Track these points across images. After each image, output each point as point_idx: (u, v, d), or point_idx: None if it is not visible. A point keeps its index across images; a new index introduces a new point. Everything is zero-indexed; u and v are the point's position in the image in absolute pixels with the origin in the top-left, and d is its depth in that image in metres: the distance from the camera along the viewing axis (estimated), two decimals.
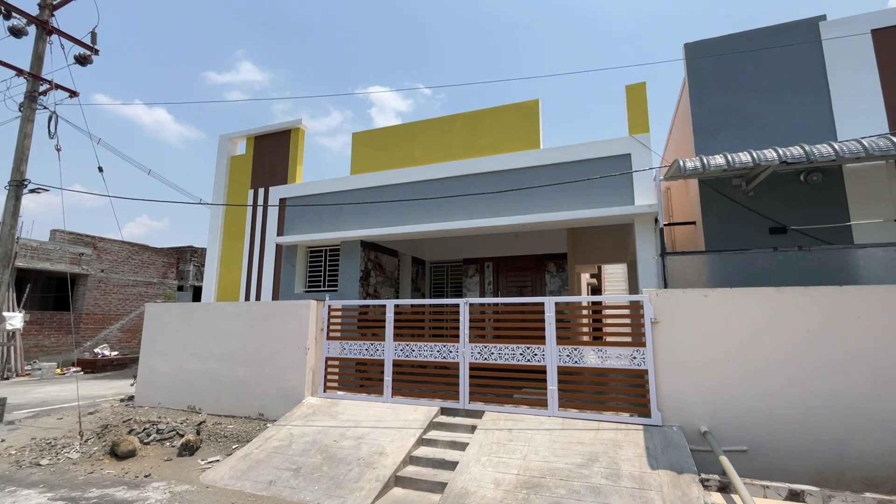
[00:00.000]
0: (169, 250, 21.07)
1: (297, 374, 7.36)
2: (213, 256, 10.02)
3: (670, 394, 5.40)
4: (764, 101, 6.33)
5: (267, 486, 5.06)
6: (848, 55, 6.03)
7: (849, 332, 4.91)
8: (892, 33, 5.87)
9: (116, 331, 18.16)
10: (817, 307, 5.03)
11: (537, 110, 7.80)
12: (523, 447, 5.25)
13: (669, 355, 5.45)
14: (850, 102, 5.91)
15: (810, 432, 4.89)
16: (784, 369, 5.04)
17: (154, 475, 5.42)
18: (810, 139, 5.91)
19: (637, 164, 6.82)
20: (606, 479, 4.53)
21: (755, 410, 5.08)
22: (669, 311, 5.51)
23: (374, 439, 5.81)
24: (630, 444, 5.06)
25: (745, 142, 6.25)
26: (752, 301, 5.23)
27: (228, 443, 6.55)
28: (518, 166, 7.60)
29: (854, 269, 5.34)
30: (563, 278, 10.20)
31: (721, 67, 6.62)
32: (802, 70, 6.20)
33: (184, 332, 8.42)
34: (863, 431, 4.73)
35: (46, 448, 6.22)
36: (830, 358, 4.93)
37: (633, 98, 7.09)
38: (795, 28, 6.32)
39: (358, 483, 4.95)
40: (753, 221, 6.12)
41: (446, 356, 6.64)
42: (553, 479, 4.63)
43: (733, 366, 5.21)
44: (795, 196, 6.02)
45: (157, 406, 8.32)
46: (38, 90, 9.10)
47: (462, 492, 4.59)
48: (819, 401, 4.91)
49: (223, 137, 10.49)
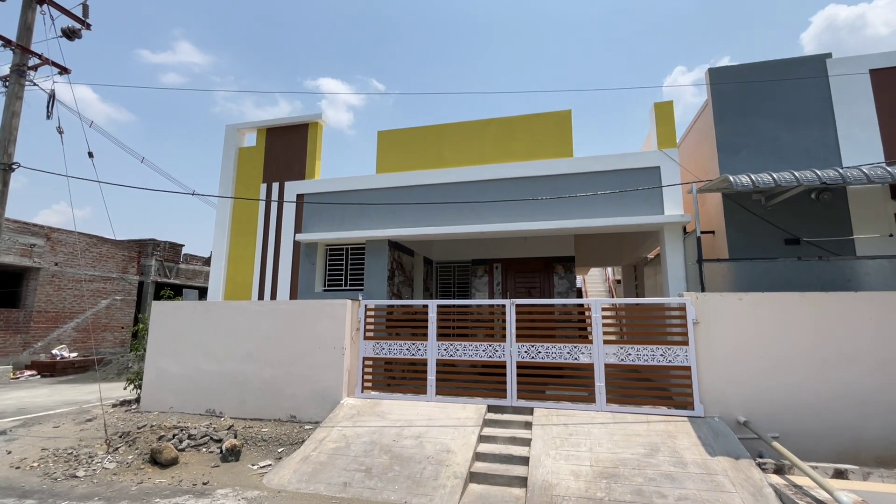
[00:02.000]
0: (129, 243, 19.49)
1: (334, 375, 7.24)
2: (220, 253, 9.53)
3: (710, 388, 5.95)
4: (779, 126, 7.10)
5: (343, 488, 5.02)
6: (851, 90, 6.92)
7: (860, 332, 5.68)
8: (887, 73, 6.82)
9: (71, 330, 16.56)
10: (835, 310, 5.77)
11: (570, 120, 8.19)
12: (585, 440, 5.58)
13: (708, 353, 6.01)
14: (853, 132, 6.80)
15: (830, 419, 5.60)
16: (806, 364, 5.74)
17: (212, 482, 5.19)
18: (819, 163, 6.73)
19: (665, 176, 7.38)
20: (674, 467, 4.95)
21: (783, 401, 5.74)
22: (708, 313, 6.07)
23: (434, 438, 5.89)
24: (683, 435, 5.54)
25: (763, 161, 6.99)
26: (779, 304, 5.90)
27: (269, 447, 6.35)
28: (552, 173, 7.94)
29: (861, 277, 6.17)
30: (571, 280, 10.71)
31: (741, 92, 7.34)
32: (812, 101, 7.03)
33: (199, 332, 7.98)
34: (874, 417, 5.50)
35: (71, 459, 5.72)
36: (845, 354, 5.68)
37: (661, 115, 7.64)
38: (806, 63, 7.14)
39: (437, 481, 5.04)
40: (770, 232, 6.86)
41: (492, 355, 6.84)
42: (625, 468, 4.99)
43: (763, 361, 5.85)
44: (806, 211, 6.82)
45: (168, 411, 7.82)
46: (26, 63, 8.21)
47: (545, 484, 4.83)
48: (836, 391, 5.64)
49: (230, 127, 9.98)
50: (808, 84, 7.08)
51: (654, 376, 6.75)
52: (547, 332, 6.83)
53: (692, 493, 4.54)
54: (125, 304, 18.96)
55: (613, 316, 7.03)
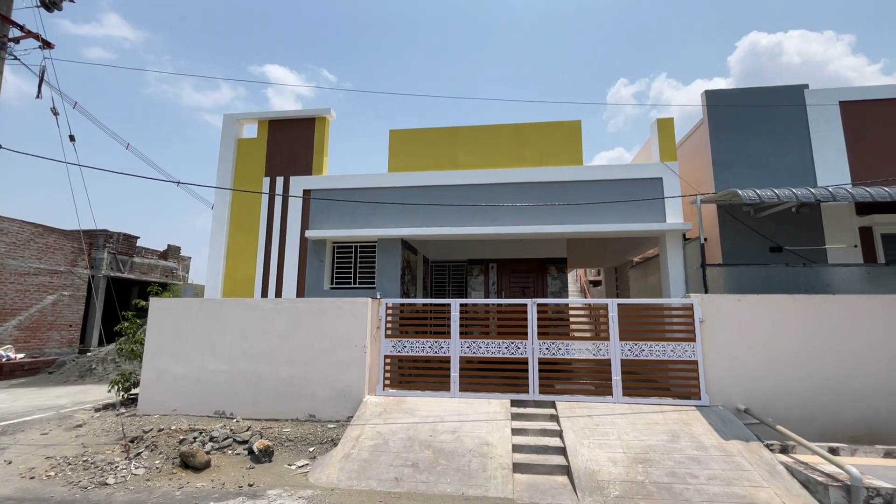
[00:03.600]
0: (79, 233, 17.85)
1: (355, 373, 7.24)
2: (218, 248, 9.12)
3: (713, 379, 6.64)
4: (765, 146, 7.98)
5: (396, 483, 5.12)
6: (824, 118, 7.92)
7: (836, 330, 6.57)
8: (854, 105, 7.87)
9: (13, 329, 14.95)
10: (816, 311, 6.63)
11: (580, 130, 8.67)
12: (612, 430, 6.04)
13: (713, 348, 6.69)
14: (826, 155, 7.79)
15: (813, 405, 6.45)
16: (794, 358, 6.56)
17: (257, 483, 5.09)
18: (798, 181, 7.66)
19: (667, 187, 8.05)
20: (697, 451, 5.52)
21: (775, 390, 6.52)
22: (712, 313, 6.76)
23: (469, 432, 6.11)
24: (696, 422, 6.15)
25: (752, 177, 7.83)
26: (772, 305, 6.69)
27: (298, 446, 6.27)
28: (563, 179, 8.39)
29: (835, 282, 7.12)
30: (564, 280, 11.27)
31: (733, 114, 8.15)
32: (793, 125, 7.97)
33: (206, 331, 7.64)
34: (848, 403, 6.40)
35: (90, 466, 5.35)
36: (825, 349, 6.55)
37: (663, 131, 8.32)
38: (787, 91, 8.08)
39: (486, 472, 5.27)
40: (758, 241, 7.71)
41: (514, 352, 7.16)
42: (655, 454, 5.49)
43: (758, 355, 6.61)
44: (787, 223, 7.74)
45: (171, 413, 7.43)
46: (6, 34, 7.44)
47: (588, 471, 5.21)
48: (818, 382, 6.50)
49: (229, 117, 9.57)
50: (790, 110, 8.01)
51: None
52: (564, 330, 7.26)
53: (718, 472, 5.11)
54: (74, 301, 17.36)
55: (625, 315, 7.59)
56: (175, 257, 23.30)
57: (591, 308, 7.24)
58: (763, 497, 4.69)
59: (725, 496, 4.72)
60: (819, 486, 4.64)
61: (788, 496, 4.69)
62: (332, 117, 9.51)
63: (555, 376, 7.18)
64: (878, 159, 7.63)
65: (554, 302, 7.25)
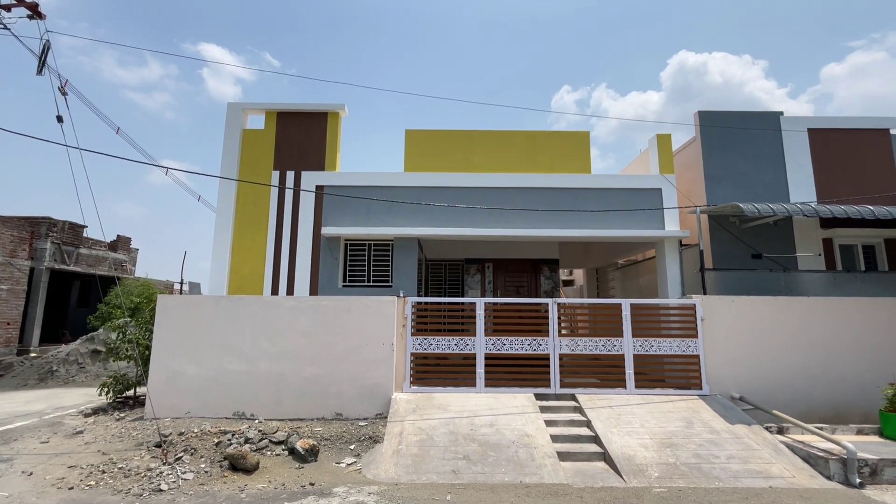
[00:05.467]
0: (20, 221, 16.05)
1: (383, 371, 7.32)
2: (223, 244, 8.73)
3: (712, 371, 7.46)
4: (748, 164, 9.00)
5: (455, 475, 5.34)
6: (795, 143, 9.07)
7: (810, 326, 7.62)
8: (819, 133, 9.09)
9: None
10: (793, 310, 7.65)
11: (588, 140, 9.26)
12: (633, 419, 6.64)
13: (711, 343, 7.51)
14: (797, 175, 8.94)
15: (791, 392, 7.44)
16: (776, 351, 7.53)
17: (318, 482, 5.09)
18: (775, 197, 8.74)
19: (665, 197, 8.85)
20: (711, 434, 6.23)
21: (762, 380, 7.45)
22: (711, 312, 7.58)
23: (506, 425, 6.45)
24: (703, 410, 6.90)
25: (738, 191, 8.81)
26: (759, 305, 7.62)
27: (336, 445, 6.28)
28: (572, 186, 8.93)
29: (806, 286, 8.22)
30: (556, 280, 11.91)
31: (721, 134, 9.10)
32: (771, 147, 9.05)
33: (223, 329, 7.35)
34: (819, 389, 7.45)
35: (131, 473, 5.06)
36: (800, 343, 7.57)
37: (661, 146, 9.10)
38: (766, 117, 9.16)
39: (535, 461, 5.63)
40: (741, 248, 8.70)
41: (536, 349, 7.58)
42: (677, 438, 6.13)
43: (748, 349, 7.51)
44: (765, 233, 8.79)
45: (184, 416, 7.09)
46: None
47: (624, 456, 5.73)
48: (795, 371, 7.50)
49: (233, 106, 9.16)
50: (768, 134, 9.09)
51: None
52: (579, 327, 7.79)
53: (735, 452, 5.83)
54: (12, 296, 15.57)
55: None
56: (125, 249, 21.51)
57: (606, 307, 7.81)
58: (776, 471, 5.44)
59: (746, 472, 5.42)
60: (820, 460, 5.47)
61: (794, 469, 5.48)
62: (346, 113, 9.40)
63: (570, 370, 7.69)
64: (837, 181, 8.90)
65: (571, 301, 7.76)
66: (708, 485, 5.18)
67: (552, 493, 4.93)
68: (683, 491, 5.01)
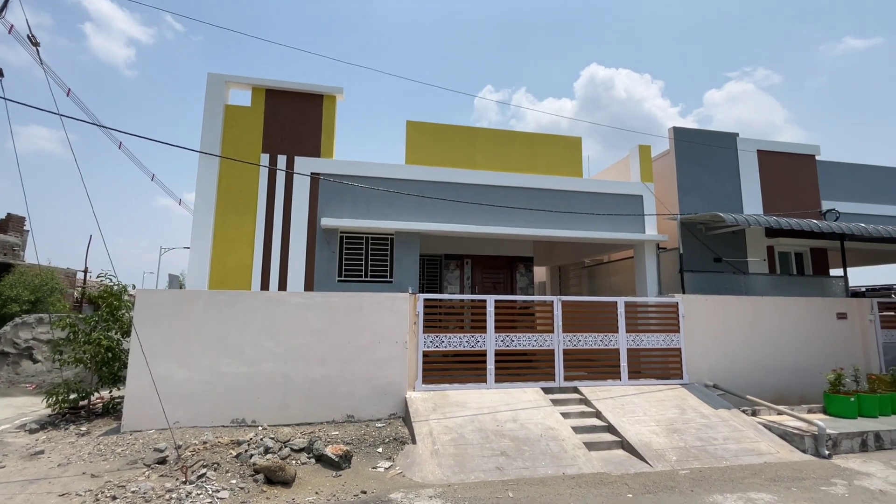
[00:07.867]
0: None
1: (397, 370, 7.12)
2: (203, 232, 7.77)
3: (690, 362, 8.35)
4: (711, 178, 10.13)
5: (500, 472, 5.40)
6: (747, 162, 10.39)
7: (762, 322, 8.84)
8: (765, 154, 10.50)
9: None
10: (750, 308, 8.83)
11: (580, 145, 9.74)
12: (635, 408, 7.21)
13: (690, 337, 8.40)
14: (749, 190, 10.26)
15: (748, 378, 8.57)
16: (738, 344, 8.63)
17: (370, 490, 4.84)
18: (732, 209, 9.95)
19: (646, 204, 9.65)
20: (703, 419, 7.00)
21: (730, 369, 8.50)
22: (689, 309, 8.47)
23: (528, 419, 6.64)
24: (689, 397, 7.71)
25: (704, 202, 9.89)
26: (725, 303, 8.68)
27: (360, 449, 6.00)
28: (566, 188, 9.37)
29: (759, 287, 9.51)
30: (530, 277, 12.38)
31: (691, 148, 10.13)
32: (729, 164, 10.27)
33: (218, 328, 6.60)
34: (769, 376, 8.69)
35: (153, 498, 4.38)
36: (756, 336, 8.76)
37: (643, 156, 9.89)
38: (726, 137, 10.36)
39: (567, 453, 5.89)
40: (705, 252, 9.80)
41: (542, 344, 7.88)
42: (678, 423, 6.80)
43: (717, 342, 8.53)
44: (724, 240, 10.00)
45: (172, 426, 6.23)
46: None
47: (641, 442, 6.23)
48: (752, 360, 8.67)
49: (215, 77, 8.15)
50: (727, 152, 10.31)
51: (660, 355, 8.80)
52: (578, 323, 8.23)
53: (727, 434, 6.61)
54: None
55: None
56: (17, 230, 18.09)
57: (604, 305, 8.34)
58: (764, 448, 6.29)
59: (743, 451, 6.20)
60: (795, 437, 6.43)
61: (777, 446, 6.38)
62: (342, 97, 8.84)
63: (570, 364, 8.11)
64: (778, 196, 10.40)
65: (575, 299, 8.18)
66: (718, 464, 5.84)
67: (598, 482, 5.22)
68: (703, 471, 5.59)
